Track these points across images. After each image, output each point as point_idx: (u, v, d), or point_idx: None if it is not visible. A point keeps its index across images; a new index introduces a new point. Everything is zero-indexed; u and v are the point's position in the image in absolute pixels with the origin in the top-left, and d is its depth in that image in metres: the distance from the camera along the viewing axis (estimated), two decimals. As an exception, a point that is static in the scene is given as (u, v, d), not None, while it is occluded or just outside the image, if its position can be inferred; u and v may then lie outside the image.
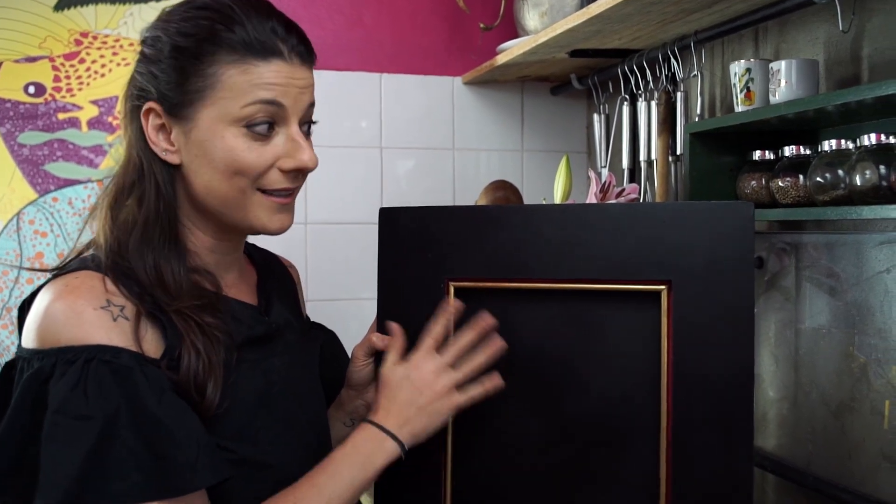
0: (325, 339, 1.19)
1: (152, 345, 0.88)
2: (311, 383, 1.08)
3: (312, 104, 0.97)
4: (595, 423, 1.00)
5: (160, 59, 0.92)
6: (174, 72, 0.91)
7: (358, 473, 0.93)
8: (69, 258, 0.96)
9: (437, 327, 1.00)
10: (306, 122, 0.97)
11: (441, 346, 1.00)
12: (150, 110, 0.93)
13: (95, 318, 0.85)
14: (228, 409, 0.90)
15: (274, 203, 0.95)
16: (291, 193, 0.97)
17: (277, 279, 1.13)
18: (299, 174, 0.96)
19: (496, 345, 1.00)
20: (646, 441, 0.97)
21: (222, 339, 0.91)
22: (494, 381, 0.99)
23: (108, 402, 0.81)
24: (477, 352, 0.99)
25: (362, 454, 0.94)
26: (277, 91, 0.91)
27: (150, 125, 0.94)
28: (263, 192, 0.94)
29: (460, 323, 1.02)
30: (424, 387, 0.97)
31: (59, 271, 0.92)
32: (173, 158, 0.94)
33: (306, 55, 0.95)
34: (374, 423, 0.96)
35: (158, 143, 0.94)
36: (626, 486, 0.99)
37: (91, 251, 0.95)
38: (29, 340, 0.86)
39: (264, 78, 0.90)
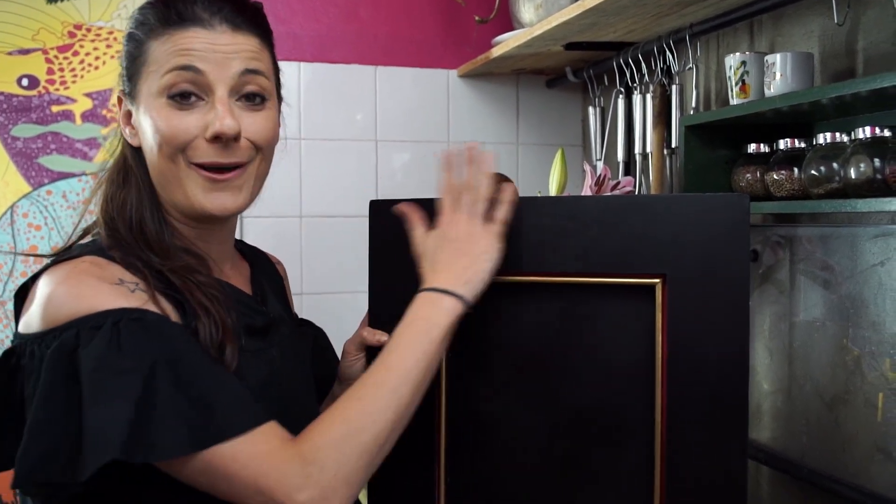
0: (314, 335, 1.18)
1: (172, 316, 0.87)
2: (304, 377, 1.08)
3: (251, 71, 0.93)
4: (590, 417, 1.00)
5: (121, 50, 0.97)
6: (126, 59, 0.96)
7: (423, 339, 0.91)
8: (66, 245, 0.95)
9: (448, 182, 1.01)
10: (247, 95, 0.94)
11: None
12: (120, 99, 0.98)
13: (111, 290, 0.84)
14: None
15: (206, 178, 0.92)
16: (228, 169, 0.93)
17: (267, 274, 1.13)
18: (226, 145, 0.92)
19: (506, 185, 1.01)
20: (640, 433, 0.97)
21: (220, 297, 0.91)
22: (509, 191, 1.01)
23: (148, 353, 0.80)
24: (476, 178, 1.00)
25: (422, 319, 0.93)
26: (194, 56, 0.90)
27: (122, 112, 0.98)
28: (198, 166, 0.92)
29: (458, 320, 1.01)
30: (464, 237, 0.97)
31: (59, 257, 0.90)
32: (135, 141, 0.97)
33: (235, 20, 0.93)
34: (425, 288, 0.95)
35: (125, 128, 0.98)
36: (620, 479, 0.99)
37: (90, 237, 0.96)
38: (33, 325, 0.84)
39: (179, 44, 0.90)
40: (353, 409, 0.87)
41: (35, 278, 0.89)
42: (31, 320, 0.85)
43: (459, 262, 0.95)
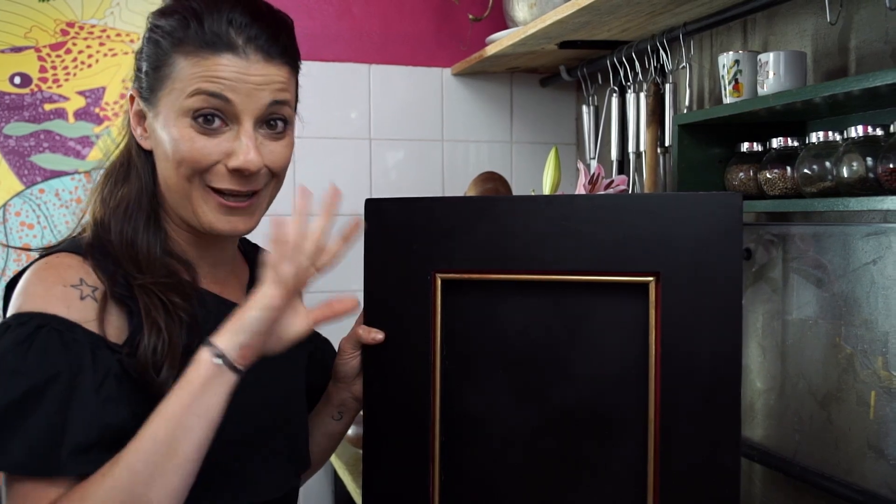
0: (316, 345, 1.17)
1: (116, 330, 0.87)
2: (288, 389, 1.06)
3: (279, 102, 0.93)
4: (584, 414, 1.00)
5: (141, 48, 0.96)
6: (146, 63, 0.94)
7: (177, 397, 0.83)
8: (63, 239, 0.97)
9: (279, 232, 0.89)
10: (270, 121, 0.93)
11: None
12: (133, 96, 0.97)
13: (61, 293, 0.86)
14: None
15: (221, 204, 0.92)
16: (245, 197, 0.93)
17: None
18: (247, 176, 0.92)
19: (338, 245, 0.92)
20: (634, 431, 0.97)
21: (186, 321, 0.90)
22: (344, 304, 0.93)
23: (46, 368, 0.81)
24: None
25: (184, 380, 0.84)
26: (224, 85, 0.89)
27: (133, 111, 0.97)
28: (214, 190, 0.92)
29: (450, 321, 1.01)
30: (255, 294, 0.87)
31: (46, 251, 0.93)
32: (146, 144, 0.96)
33: (270, 51, 0.91)
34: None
35: (137, 128, 0.97)
36: (613, 476, 0.99)
37: (84, 233, 0.96)
38: (10, 309, 0.88)
39: (211, 70, 0.89)
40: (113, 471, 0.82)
41: (24, 271, 0.91)
42: (10, 310, 0.89)
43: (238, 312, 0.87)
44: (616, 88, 1.90)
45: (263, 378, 0.99)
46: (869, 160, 1.14)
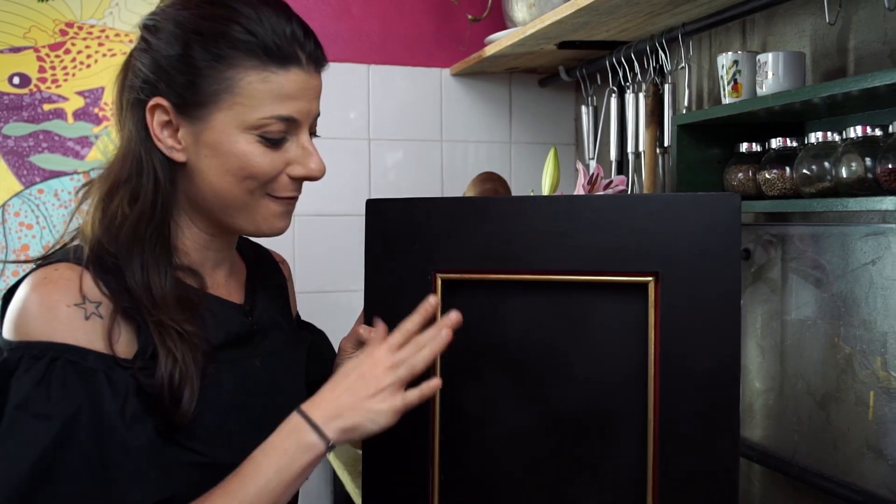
0: (314, 339, 1.18)
1: (125, 345, 0.86)
2: (292, 386, 1.06)
3: (318, 114, 0.97)
4: (583, 414, 1.00)
5: (172, 54, 0.88)
6: (188, 69, 0.88)
7: (274, 475, 0.86)
8: (54, 248, 0.94)
9: (409, 323, 0.94)
10: (313, 130, 0.98)
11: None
12: (157, 106, 0.90)
13: (66, 316, 0.83)
14: (201, 412, 0.88)
15: (280, 209, 0.95)
16: (296, 198, 0.97)
17: (268, 276, 1.12)
18: (306, 181, 0.96)
19: (440, 338, 0.92)
20: (633, 431, 0.97)
21: (200, 346, 0.89)
22: (431, 385, 0.92)
23: (70, 403, 0.81)
24: (422, 347, 0.92)
25: (282, 451, 0.87)
26: (293, 105, 0.90)
27: (156, 121, 0.90)
28: (271, 196, 0.94)
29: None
30: (371, 380, 0.89)
31: (43, 262, 0.90)
32: (179, 156, 0.91)
33: (322, 61, 0.94)
34: (302, 411, 0.88)
35: (164, 139, 0.91)
36: (613, 476, 0.99)
37: (76, 242, 0.92)
38: (6, 331, 0.86)
39: (284, 89, 0.89)
40: None
41: (21, 281, 0.88)
42: (5, 326, 0.86)
43: (349, 399, 0.88)
44: (615, 89, 1.90)
45: (269, 377, 1.00)
46: (868, 160, 1.15)
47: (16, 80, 1.94)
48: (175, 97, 0.89)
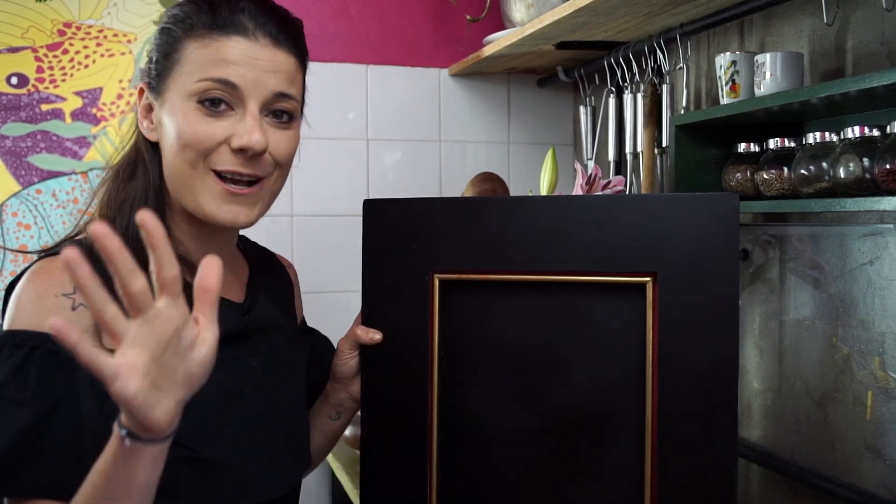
0: (316, 343, 1.17)
1: None
2: (291, 388, 1.06)
3: (285, 94, 0.93)
4: (581, 414, 1.00)
5: (153, 46, 0.96)
6: (157, 52, 0.95)
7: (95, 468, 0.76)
8: (62, 240, 0.95)
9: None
10: (275, 111, 0.94)
11: None
12: (141, 90, 0.97)
13: (53, 306, 0.84)
14: (189, 408, 0.84)
15: (224, 190, 0.92)
16: (247, 183, 0.93)
17: (272, 279, 1.11)
18: (250, 158, 0.92)
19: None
20: (631, 431, 0.97)
21: None
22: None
23: (48, 391, 0.81)
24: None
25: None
26: (232, 70, 0.90)
27: (141, 105, 0.97)
28: (218, 175, 0.91)
29: (448, 322, 1.02)
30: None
31: (46, 253, 0.92)
32: (153, 136, 0.96)
33: (278, 36, 0.93)
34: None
35: (143, 121, 0.96)
36: (611, 476, 0.99)
37: (83, 235, 0.94)
38: (6, 320, 0.87)
39: (221, 53, 0.90)
40: None
41: (23, 273, 0.90)
42: (6, 315, 0.88)
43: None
44: (613, 89, 1.90)
45: (266, 377, 1.00)
46: (865, 161, 1.15)
47: (14, 81, 1.93)
48: (148, 77, 0.96)
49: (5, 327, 0.86)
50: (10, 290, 0.91)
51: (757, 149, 1.40)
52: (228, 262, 1.03)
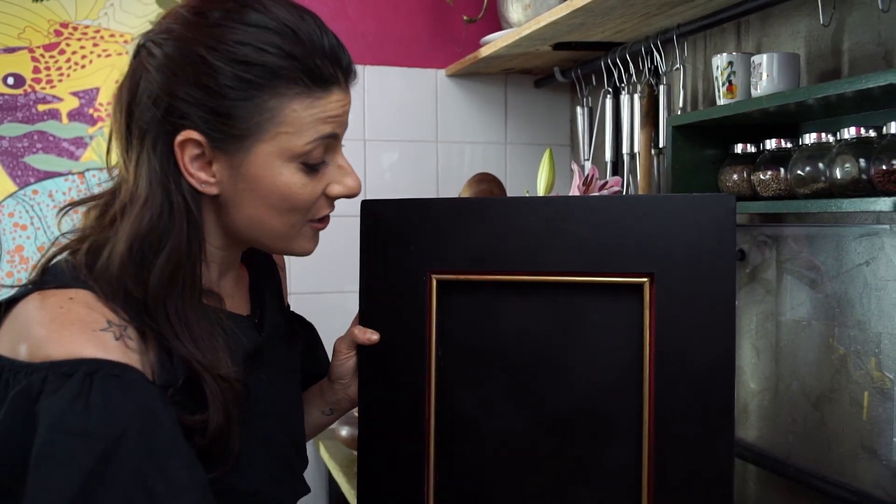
0: (306, 336, 1.16)
1: (154, 372, 0.78)
2: (292, 395, 1.04)
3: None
4: (578, 415, 1.00)
5: (200, 84, 0.79)
6: (224, 100, 0.79)
7: None
8: (43, 266, 0.84)
9: None
10: None
11: None
12: (187, 140, 0.80)
13: (94, 337, 0.74)
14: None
15: (315, 232, 0.92)
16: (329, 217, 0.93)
17: (265, 274, 1.11)
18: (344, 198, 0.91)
19: None
20: (628, 431, 0.97)
21: (238, 385, 0.83)
22: None
23: (116, 418, 0.71)
24: None
25: None
26: (336, 123, 0.85)
27: (187, 156, 0.81)
28: (311, 222, 0.91)
29: (445, 322, 1.02)
30: None
31: (39, 285, 0.80)
32: (212, 190, 0.83)
33: (351, 77, 0.87)
34: None
35: (196, 175, 0.82)
36: (609, 476, 0.99)
37: (65, 257, 0.84)
38: (10, 350, 0.75)
39: (328, 111, 0.83)
40: None
41: (17, 298, 0.80)
42: (8, 344, 0.76)
43: None
44: (610, 90, 1.91)
45: (274, 388, 0.98)
46: (862, 162, 1.15)
47: (10, 81, 1.93)
48: (209, 129, 0.80)
49: (19, 357, 0.74)
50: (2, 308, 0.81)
51: (754, 149, 1.40)
52: (235, 271, 0.99)
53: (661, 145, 1.71)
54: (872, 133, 1.16)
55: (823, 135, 1.24)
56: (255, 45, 0.79)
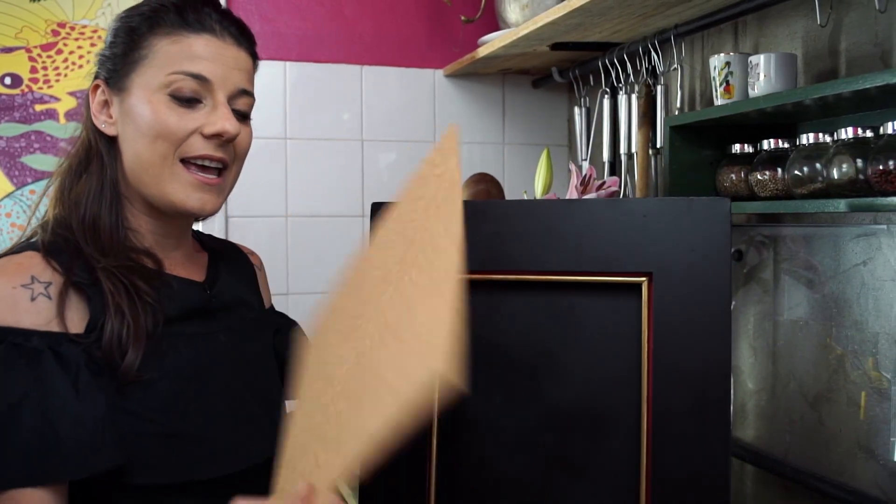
0: (283, 324, 1.18)
1: (77, 319, 0.89)
2: (263, 360, 1.08)
3: (246, 92, 0.99)
4: (577, 413, 1.01)
5: (110, 43, 0.99)
6: (118, 48, 0.97)
7: None
8: (20, 240, 0.98)
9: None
10: (238, 109, 0.99)
11: None
12: (96, 87, 0.99)
13: (10, 298, 0.87)
14: (155, 381, 0.91)
15: (194, 179, 0.96)
16: (216, 172, 0.98)
17: (233, 263, 1.14)
18: (222, 144, 0.97)
19: None
20: (626, 430, 0.98)
21: (150, 304, 0.92)
22: None
23: (16, 385, 0.83)
24: None
25: None
26: (203, 64, 0.95)
27: (96, 101, 0.99)
28: (185, 164, 0.96)
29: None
30: None
31: (6, 253, 0.94)
32: (111, 130, 0.98)
33: (241, 38, 0.99)
34: None
35: (100, 116, 0.98)
36: (607, 475, 1.00)
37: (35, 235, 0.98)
38: None
39: (193, 48, 0.95)
40: None
41: None
42: None
43: None
44: (608, 90, 1.91)
45: (234, 350, 1.02)
46: (859, 162, 1.15)
47: (7, 81, 1.93)
48: (105, 74, 0.98)
49: None
50: None
51: (751, 150, 1.40)
52: (188, 249, 1.07)
53: (658, 145, 1.71)
54: (869, 133, 1.16)
55: (821, 135, 1.24)
56: (142, 7, 0.98)
